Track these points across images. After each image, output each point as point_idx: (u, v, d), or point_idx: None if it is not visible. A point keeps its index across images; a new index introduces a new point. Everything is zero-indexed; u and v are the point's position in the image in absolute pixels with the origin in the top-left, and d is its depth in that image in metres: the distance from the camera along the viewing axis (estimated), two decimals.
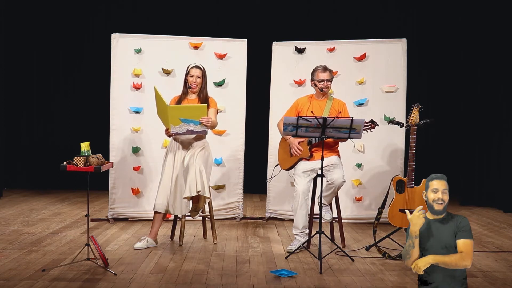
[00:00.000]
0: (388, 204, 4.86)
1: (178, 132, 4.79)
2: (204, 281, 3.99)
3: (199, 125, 4.76)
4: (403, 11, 8.27)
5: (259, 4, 8.33)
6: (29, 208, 6.94)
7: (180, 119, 4.71)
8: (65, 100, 8.63)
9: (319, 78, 4.96)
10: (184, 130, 4.77)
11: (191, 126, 4.76)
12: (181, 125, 4.74)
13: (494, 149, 7.40)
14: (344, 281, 4.04)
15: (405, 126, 4.94)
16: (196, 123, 4.75)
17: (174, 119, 4.70)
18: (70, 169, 4.20)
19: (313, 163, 4.91)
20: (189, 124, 4.74)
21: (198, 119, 4.73)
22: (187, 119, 4.71)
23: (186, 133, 4.82)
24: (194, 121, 4.73)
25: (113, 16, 8.37)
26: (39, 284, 3.84)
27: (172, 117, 4.69)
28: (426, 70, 8.27)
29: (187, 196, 4.82)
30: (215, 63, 6.24)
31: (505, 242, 5.39)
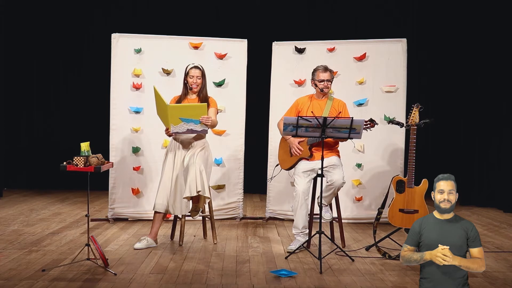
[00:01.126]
0: (388, 204, 4.85)
1: (178, 131, 4.79)
2: (204, 281, 3.99)
3: (199, 124, 4.75)
4: (403, 11, 8.27)
5: (259, 4, 8.33)
6: (29, 208, 6.94)
7: (180, 118, 4.70)
8: (65, 100, 8.63)
9: (320, 78, 4.96)
10: (184, 130, 4.77)
11: (191, 125, 4.75)
12: (181, 124, 4.73)
13: (494, 149, 7.40)
14: (344, 281, 4.04)
15: (405, 126, 4.94)
16: (196, 122, 4.74)
17: (174, 119, 4.70)
18: (70, 169, 4.20)
19: (313, 163, 4.91)
20: (189, 124, 4.74)
21: (198, 118, 4.72)
22: (187, 118, 4.70)
23: (186, 132, 4.82)
24: (194, 120, 4.73)
25: (113, 16, 8.37)
26: (39, 284, 3.84)
27: (172, 117, 4.69)
28: (426, 70, 8.27)
29: (187, 196, 4.82)
30: (215, 63, 6.24)
31: (505, 242, 5.39)
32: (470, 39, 7.55)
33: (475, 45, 7.45)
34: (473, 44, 7.49)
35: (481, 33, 7.38)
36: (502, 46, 7.17)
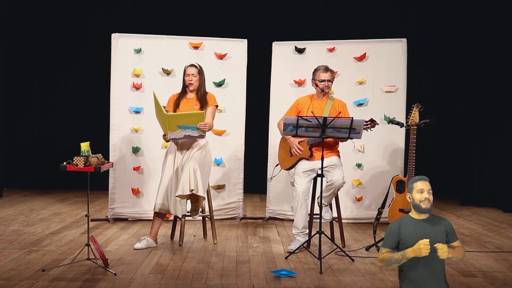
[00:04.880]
0: (388, 204, 4.86)
1: (176, 137, 4.84)
2: (204, 281, 3.99)
3: (196, 130, 4.79)
4: (403, 11, 8.26)
5: (259, 4, 8.33)
6: (29, 208, 6.94)
7: (178, 126, 4.74)
8: (65, 100, 8.63)
9: (320, 78, 4.97)
10: (181, 136, 4.82)
11: (189, 132, 4.80)
12: (178, 131, 4.78)
13: (494, 149, 7.40)
14: (344, 281, 4.04)
15: (405, 126, 4.94)
16: (194, 128, 4.78)
17: (172, 126, 4.74)
18: (70, 169, 4.20)
19: (313, 163, 4.91)
20: (187, 130, 4.78)
21: (195, 125, 4.75)
22: (184, 125, 4.74)
23: (183, 138, 4.88)
24: (191, 127, 4.77)
25: (113, 16, 8.36)
26: (39, 284, 3.84)
27: (170, 125, 4.73)
28: (426, 70, 8.26)
29: (180, 195, 4.82)
30: (215, 63, 6.24)
31: (505, 242, 5.39)
32: (470, 39, 7.55)
33: (475, 45, 7.45)
34: (473, 44, 7.49)
35: (481, 33, 7.38)
36: (502, 46, 7.16)
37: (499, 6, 7.18)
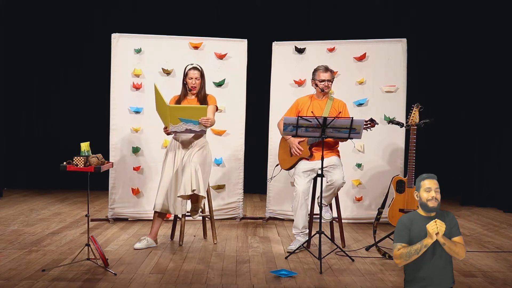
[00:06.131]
0: (388, 204, 4.86)
1: (177, 130, 4.82)
2: (204, 281, 3.99)
3: (198, 125, 4.77)
4: (403, 11, 8.26)
5: (259, 4, 8.33)
6: (29, 208, 6.94)
7: (180, 118, 4.72)
8: (65, 100, 8.63)
9: (320, 78, 4.97)
10: (182, 129, 4.80)
11: (190, 126, 4.78)
12: (180, 124, 4.76)
13: (494, 149, 7.40)
14: (344, 281, 4.04)
15: (405, 126, 4.94)
16: (195, 123, 4.76)
17: (174, 119, 4.72)
18: (70, 169, 4.20)
19: (313, 163, 4.91)
20: (188, 124, 4.76)
21: (197, 119, 4.74)
22: (186, 119, 4.72)
23: (184, 132, 4.85)
24: (193, 121, 4.75)
25: (113, 16, 8.37)
26: (39, 284, 3.84)
27: (172, 117, 4.71)
28: (426, 70, 8.26)
29: (182, 195, 4.82)
30: (215, 63, 6.24)
31: (505, 242, 5.39)
32: (470, 39, 7.55)
33: (475, 45, 7.45)
34: (473, 44, 7.49)
35: (481, 33, 7.38)
36: (502, 46, 7.17)
37: (499, 6, 7.18)
